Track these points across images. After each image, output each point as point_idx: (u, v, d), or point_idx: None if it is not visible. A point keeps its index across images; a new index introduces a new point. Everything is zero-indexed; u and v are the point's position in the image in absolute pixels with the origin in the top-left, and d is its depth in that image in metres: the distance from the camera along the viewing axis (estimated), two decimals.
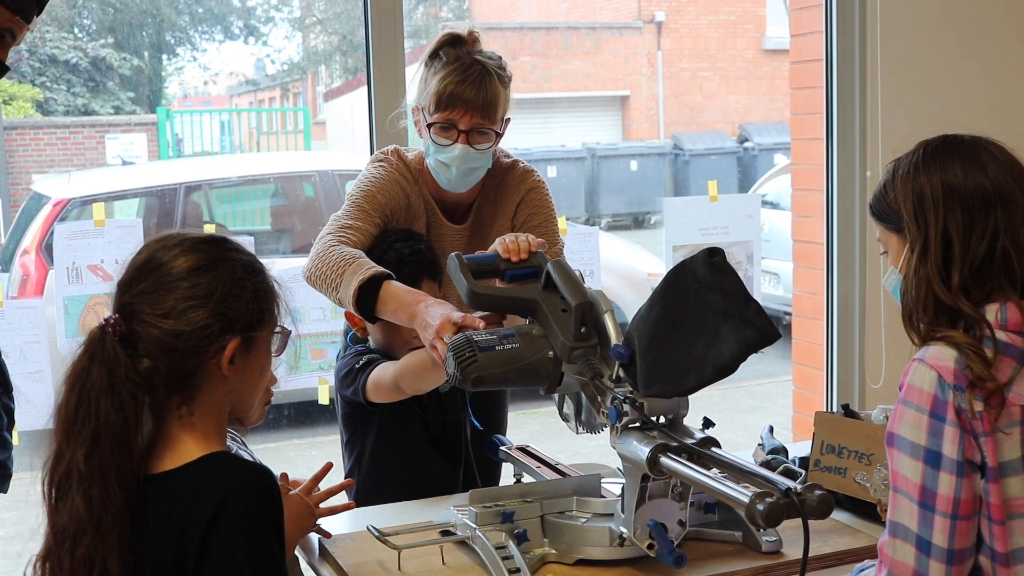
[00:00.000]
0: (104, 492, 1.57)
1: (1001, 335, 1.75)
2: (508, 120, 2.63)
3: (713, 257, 1.86)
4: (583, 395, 2.11)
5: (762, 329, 1.82)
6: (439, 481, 2.56)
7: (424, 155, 2.65)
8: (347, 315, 2.56)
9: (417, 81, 2.63)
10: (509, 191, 2.70)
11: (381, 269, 2.37)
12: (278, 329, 1.75)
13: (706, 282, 1.86)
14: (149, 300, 1.63)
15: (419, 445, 2.57)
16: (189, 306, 1.62)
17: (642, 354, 1.90)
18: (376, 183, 2.61)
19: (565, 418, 2.25)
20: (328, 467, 2.24)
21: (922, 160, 1.84)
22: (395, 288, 2.33)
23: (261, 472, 1.62)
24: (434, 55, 2.58)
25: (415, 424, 2.56)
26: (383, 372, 2.42)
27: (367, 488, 2.58)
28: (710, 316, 1.85)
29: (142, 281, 1.65)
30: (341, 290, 2.37)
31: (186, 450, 1.63)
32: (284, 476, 2.21)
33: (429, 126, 2.56)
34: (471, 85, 2.51)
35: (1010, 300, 1.77)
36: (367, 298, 2.33)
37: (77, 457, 1.58)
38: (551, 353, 2.07)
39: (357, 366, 2.48)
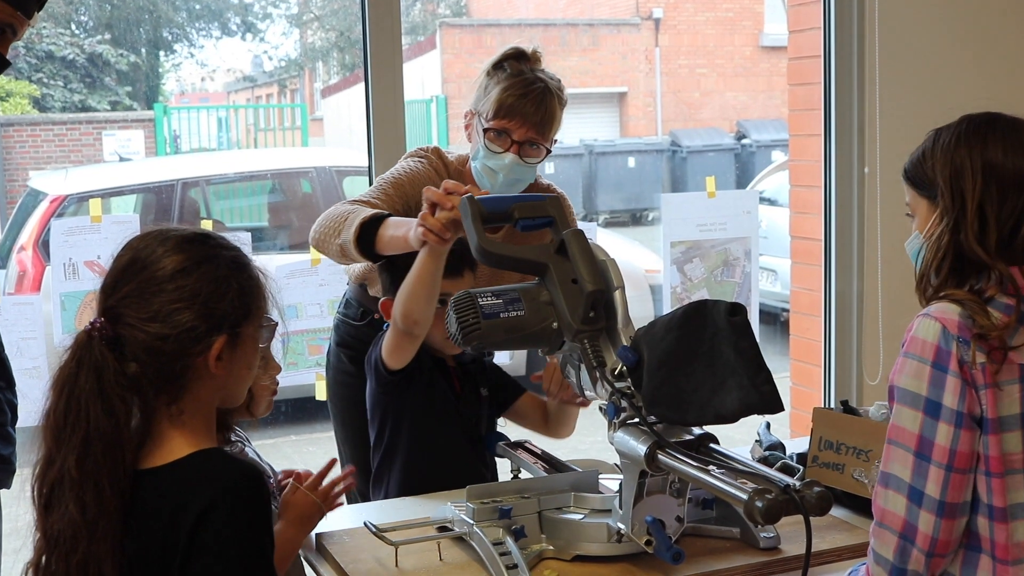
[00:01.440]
0: (98, 497, 1.56)
1: (1004, 298, 1.78)
2: (556, 141, 2.70)
3: (735, 315, 1.87)
4: (582, 365, 2.08)
5: (767, 398, 1.82)
6: (473, 476, 2.51)
7: (470, 158, 2.70)
8: (382, 305, 2.54)
9: (476, 88, 2.69)
10: None
11: (384, 212, 2.40)
12: (265, 322, 1.75)
13: (724, 334, 1.86)
14: (134, 304, 1.61)
15: (457, 439, 2.53)
16: (175, 308, 1.61)
17: (650, 373, 1.90)
18: (408, 175, 2.65)
19: (566, 375, 2.22)
20: (332, 463, 2.24)
21: (965, 133, 1.87)
22: (394, 218, 2.37)
23: (250, 471, 1.60)
24: (498, 66, 2.66)
25: (452, 416, 2.52)
26: (389, 332, 2.40)
27: (400, 480, 2.52)
28: (720, 365, 1.85)
29: (127, 284, 1.63)
30: (343, 233, 2.40)
31: (175, 447, 1.62)
32: (296, 475, 2.20)
33: (485, 131, 2.62)
34: (532, 100, 2.60)
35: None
36: (368, 236, 2.36)
37: (68, 463, 1.57)
38: (555, 324, 2.04)
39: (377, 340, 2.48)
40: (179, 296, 1.61)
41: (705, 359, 1.87)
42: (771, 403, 1.83)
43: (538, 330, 2.05)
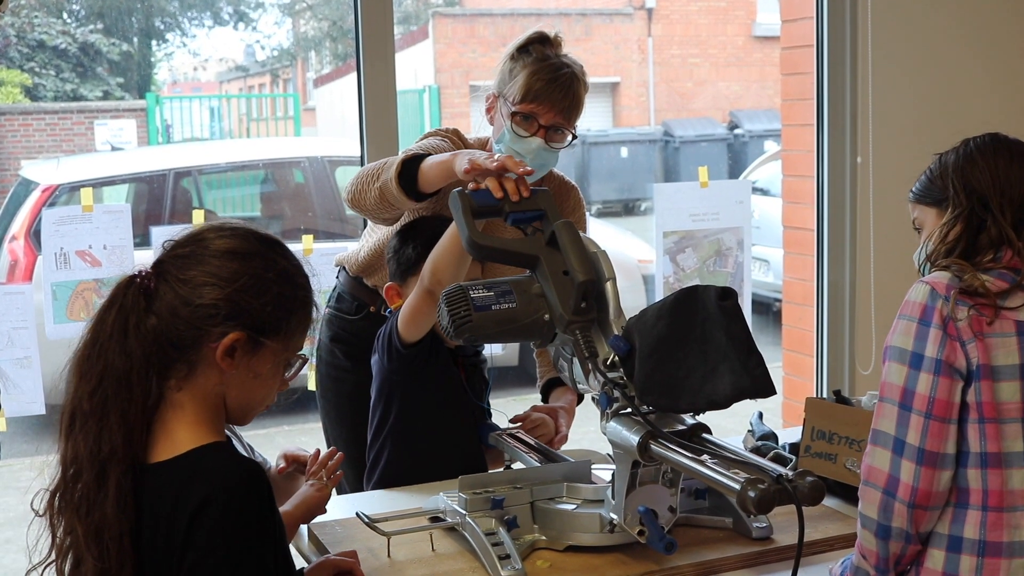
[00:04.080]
0: (101, 433, 1.60)
1: (1003, 270, 1.86)
2: (577, 127, 2.71)
3: (725, 300, 1.87)
4: (575, 358, 2.08)
5: (758, 382, 1.84)
6: (477, 463, 2.53)
7: (493, 141, 2.69)
8: (387, 292, 2.54)
9: (499, 71, 2.69)
10: (556, 194, 2.71)
11: (423, 153, 2.44)
12: (296, 355, 1.76)
13: (715, 319, 1.87)
14: (178, 264, 1.67)
15: (464, 426, 2.53)
16: (207, 282, 1.65)
17: (642, 361, 1.90)
18: (435, 149, 2.65)
19: (560, 369, 2.22)
20: (334, 453, 2.23)
21: (976, 148, 1.96)
22: (434, 156, 2.40)
23: (248, 468, 1.59)
24: (522, 50, 2.65)
25: (462, 402, 2.52)
26: (411, 296, 2.39)
27: (401, 461, 2.51)
28: (712, 351, 1.86)
29: (183, 247, 1.69)
30: (383, 175, 2.42)
31: (179, 441, 1.63)
32: (298, 462, 2.20)
33: (512, 115, 2.61)
34: (560, 86, 2.60)
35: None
36: (409, 174, 2.39)
37: (82, 394, 1.62)
38: (547, 316, 2.04)
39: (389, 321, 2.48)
40: (217, 273, 1.66)
41: (696, 345, 1.88)
42: (763, 387, 1.84)
43: (530, 322, 2.04)
